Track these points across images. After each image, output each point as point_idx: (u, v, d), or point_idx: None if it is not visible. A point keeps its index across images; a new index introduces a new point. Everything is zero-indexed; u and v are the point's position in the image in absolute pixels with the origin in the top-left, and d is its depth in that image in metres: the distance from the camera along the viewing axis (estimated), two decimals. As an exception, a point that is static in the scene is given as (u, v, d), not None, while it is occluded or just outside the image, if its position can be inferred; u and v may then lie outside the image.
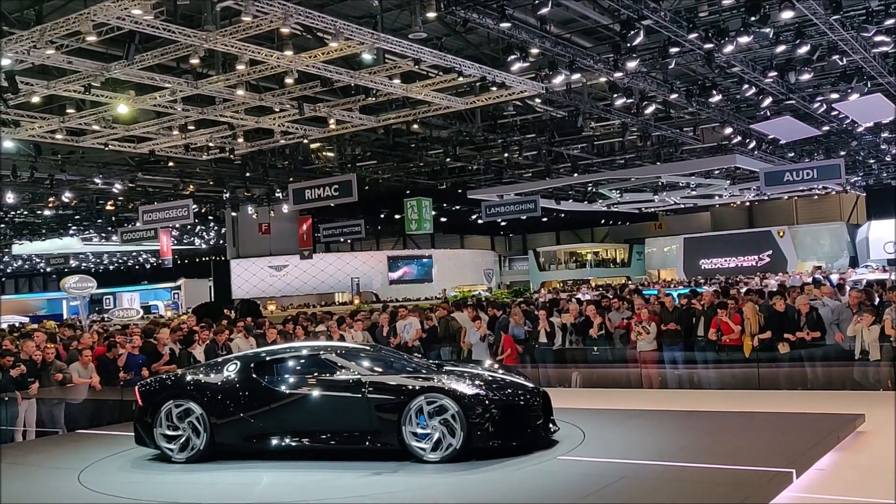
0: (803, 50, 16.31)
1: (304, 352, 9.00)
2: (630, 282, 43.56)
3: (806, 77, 18.55)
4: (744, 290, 17.87)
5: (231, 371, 8.67)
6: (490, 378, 8.33)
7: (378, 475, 7.40)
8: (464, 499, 6.66)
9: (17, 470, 8.67)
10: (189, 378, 8.84)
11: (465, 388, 7.85)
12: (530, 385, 8.47)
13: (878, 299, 12.61)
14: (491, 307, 16.24)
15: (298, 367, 8.63)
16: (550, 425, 8.27)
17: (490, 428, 7.67)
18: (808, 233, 50.50)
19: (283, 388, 8.37)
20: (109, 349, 12.04)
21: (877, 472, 7.04)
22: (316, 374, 8.44)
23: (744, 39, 15.21)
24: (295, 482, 7.50)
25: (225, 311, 23.54)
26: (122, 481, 7.92)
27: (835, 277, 26.96)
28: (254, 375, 8.54)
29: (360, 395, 8.02)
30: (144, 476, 8.10)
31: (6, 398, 10.59)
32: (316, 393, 8.25)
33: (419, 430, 7.71)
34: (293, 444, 8.21)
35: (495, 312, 15.17)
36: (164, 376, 9.46)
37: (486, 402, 7.76)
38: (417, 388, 7.88)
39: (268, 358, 8.82)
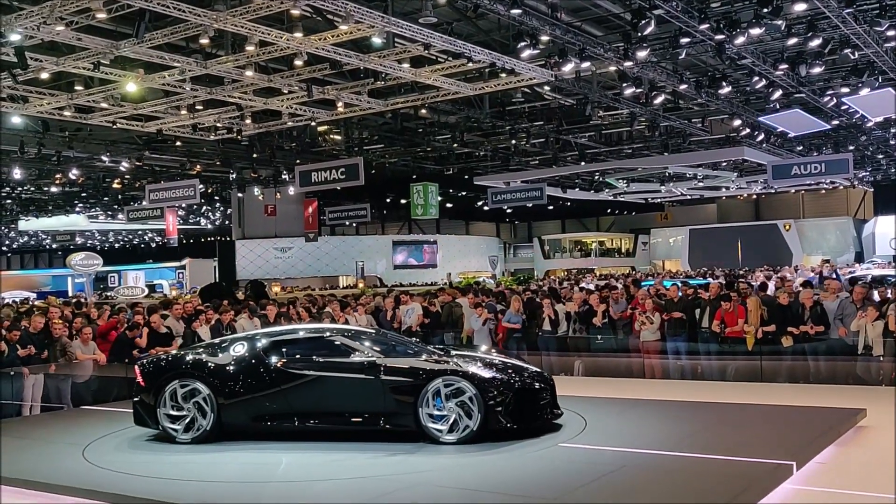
0: (815, 43, 16.20)
1: (315, 333, 9.01)
2: (635, 271, 43.62)
3: (817, 70, 18.43)
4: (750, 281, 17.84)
5: (239, 351, 8.61)
6: (500, 362, 8.42)
7: (393, 456, 7.46)
8: (463, 483, 6.67)
9: (21, 444, 8.71)
10: (195, 358, 8.74)
11: (481, 371, 7.95)
12: (535, 369, 8.58)
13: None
14: (482, 294, 16.34)
15: (309, 349, 8.60)
16: (555, 409, 8.35)
17: (505, 410, 7.78)
18: (815, 227, 50.39)
19: (293, 368, 8.33)
20: (132, 329, 12.06)
21: (877, 466, 7.07)
22: (328, 355, 8.42)
23: (755, 31, 15.12)
24: (307, 462, 7.53)
25: (235, 292, 23.49)
26: (126, 458, 7.96)
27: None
28: (263, 356, 8.50)
29: (374, 377, 8.05)
30: (149, 453, 8.13)
31: (12, 373, 10.66)
32: (328, 374, 8.24)
33: (435, 412, 7.78)
34: (304, 425, 8.20)
35: (484, 298, 15.32)
36: (166, 355, 9.37)
37: (501, 385, 7.86)
38: (435, 370, 7.93)
39: (278, 338, 8.78)
